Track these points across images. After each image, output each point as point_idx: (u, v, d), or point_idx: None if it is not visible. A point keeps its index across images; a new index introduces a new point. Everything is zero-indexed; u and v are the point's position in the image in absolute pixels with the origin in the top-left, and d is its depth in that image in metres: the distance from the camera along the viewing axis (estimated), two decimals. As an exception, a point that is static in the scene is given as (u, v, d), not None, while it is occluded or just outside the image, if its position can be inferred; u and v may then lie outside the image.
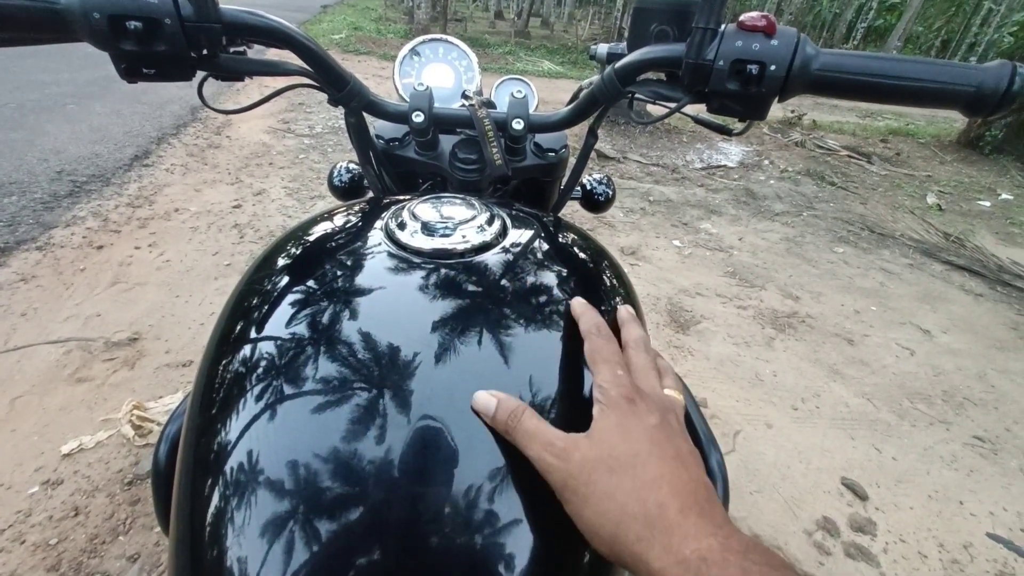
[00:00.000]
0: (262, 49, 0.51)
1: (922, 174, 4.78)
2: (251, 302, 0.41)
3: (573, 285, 0.44)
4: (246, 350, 0.37)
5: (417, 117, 0.55)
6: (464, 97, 0.60)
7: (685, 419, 0.35)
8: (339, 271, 0.41)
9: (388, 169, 0.66)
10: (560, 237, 0.52)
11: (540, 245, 0.46)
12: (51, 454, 1.27)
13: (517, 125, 0.56)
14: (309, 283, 0.40)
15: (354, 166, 0.78)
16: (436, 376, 0.33)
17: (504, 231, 0.45)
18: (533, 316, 0.39)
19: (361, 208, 0.53)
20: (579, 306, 0.39)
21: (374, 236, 0.44)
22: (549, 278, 0.43)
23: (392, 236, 0.42)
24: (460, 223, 0.43)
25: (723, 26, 0.41)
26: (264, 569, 0.27)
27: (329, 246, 0.46)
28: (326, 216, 0.51)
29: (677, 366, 1.87)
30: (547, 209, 0.76)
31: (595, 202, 0.83)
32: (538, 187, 0.74)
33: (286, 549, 0.27)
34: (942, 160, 5.33)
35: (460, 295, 0.38)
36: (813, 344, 2.10)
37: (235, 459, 0.31)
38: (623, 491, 0.28)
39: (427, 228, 0.42)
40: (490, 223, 0.44)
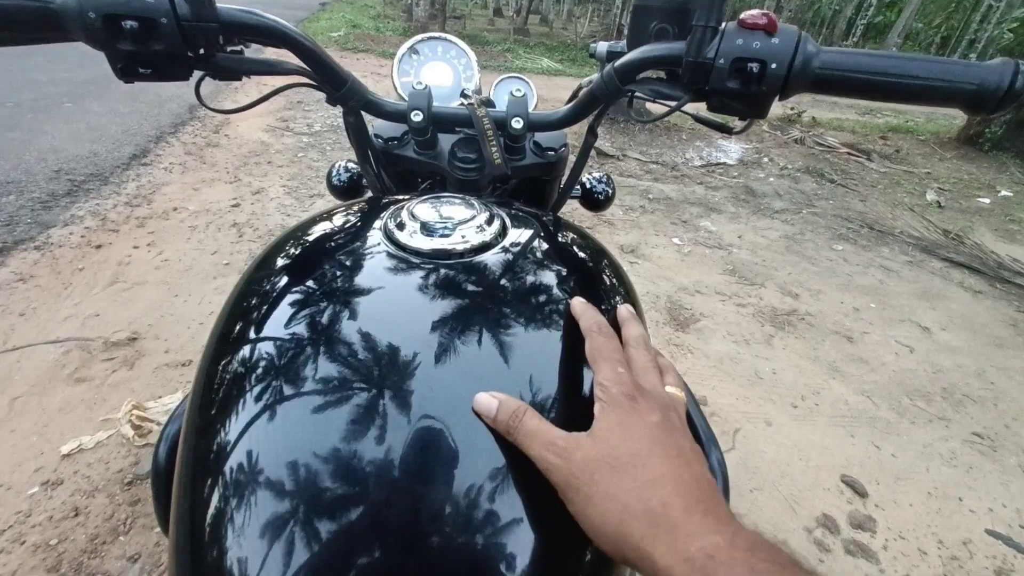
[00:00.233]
0: (260, 48, 0.50)
1: (922, 171, 4.78)
2: (250, 302, 0.41)
3: (572, 285, 0.43)
4: (245, 350, 0.37)
5: (416, 116, 0.55)
6: (463, 96, 0.60)
7: (686, 417, 0.35)
8: (338, 271, 0.41)
9: (387, 168, 0.66)
10: (559, 236, 0.51)
11: (539, 245, 0.46)
12: (51, 454, 1.27)
13: (516, 124, 0.56)
14: (308, 283, 0.40)
15: (353, 165, 0.78)
16: (435, 376, 0.33)
17: (503, 231, 0.45)
18: (532, 316, 0.39)
19: (360, 208, 0.53)
20: (579, 305, 0.39)
21: (373, 236, 0.44)
22: (548, 278, 0.43)
23: (391, 236, 0.42)
24: (459, 223, 0.43)
25: (723, 24, 0.40)
26: (264, 570, 0.27)
27: (328, 246, 0.46)
28: (325, 216, 0.51)
29: (677, 364, 1.87)
30: (547, 208, 0.76)
31: (595, 201, 0.83)
32: (538, 186, 0.74)
33: (286, 550, 0.27)
34: (941, 157, 5.32)
35: (459, 295, 0.38)
36: (812, 342, 2.10)
37: (235, 459, 0.31)
38: (625, 490, 0.28)
39: (426, 228, 0.42)
40: (489, 223, 0.44)
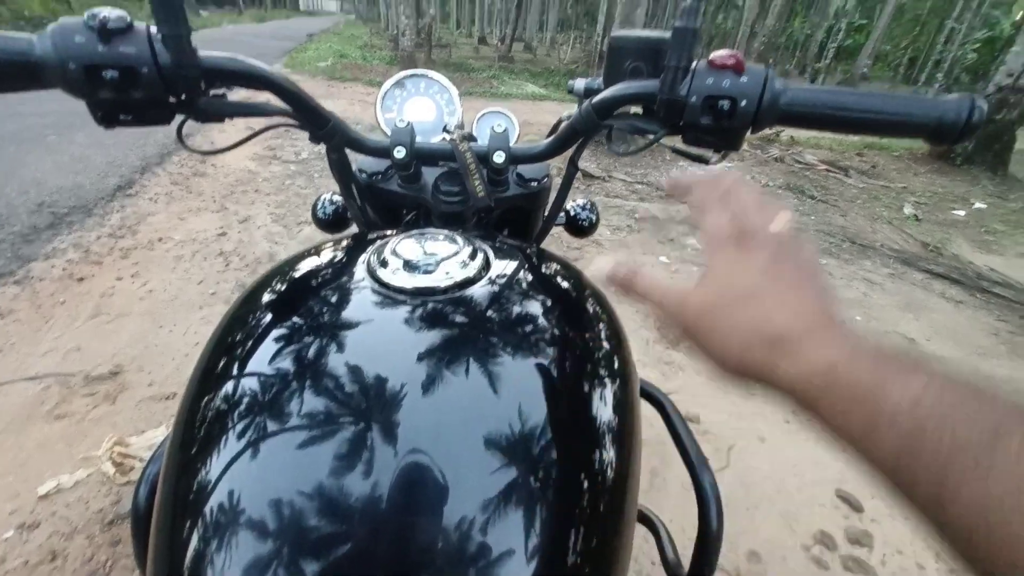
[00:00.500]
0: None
1: (898, 185, 4.92)
2: (234, 339, 0.41)
3: (556, 316, 0.44)
4: (228, 387, 0.36)
5: (399, 152, 0.55)
6: (446, 131, 0.61)
7: (673, 431, 0.34)
8: (323, 309, 0.41)
9: (371, 201, 0.67)
10: (543, 268, 0.52)
11: (523, 277, 0.47)
12: (27, 495, 1.22)
13: (498, 158, 0.57)
14: (292, 321, 0.40)
15: (337, 198, 0.78)
16: (418, 414, 0.33)
17: (487, 265, 0.45)
18: (516, 349, 0.39)
19: (345, 245, 0.53)
20: (672, 179, 0.38)
21: (357, 274, 0.44)
22: (532, 310, 0.43)
23: (374, 274, 0.42)
24: (442, 259, 0.43)
25: (695, 63, 0.42)
26: None
27: (313, 284, 0.46)
28: (310, 253, 0.51)
29: (668, 382, 1.88)
30: (532, 236, 0.76)
31: (579, 227, 0.84)
32: (523, 215, 0.75)
33: None
34: (916, 172, 5.49)
35: (443, 332, 0.38)
36: (801, 356, 2.12)
37: (216, 499, 0.30)
38: (742, 326, 0.28)
39: (409, 265, 0.42)
40: (472, 257, 0.44)
